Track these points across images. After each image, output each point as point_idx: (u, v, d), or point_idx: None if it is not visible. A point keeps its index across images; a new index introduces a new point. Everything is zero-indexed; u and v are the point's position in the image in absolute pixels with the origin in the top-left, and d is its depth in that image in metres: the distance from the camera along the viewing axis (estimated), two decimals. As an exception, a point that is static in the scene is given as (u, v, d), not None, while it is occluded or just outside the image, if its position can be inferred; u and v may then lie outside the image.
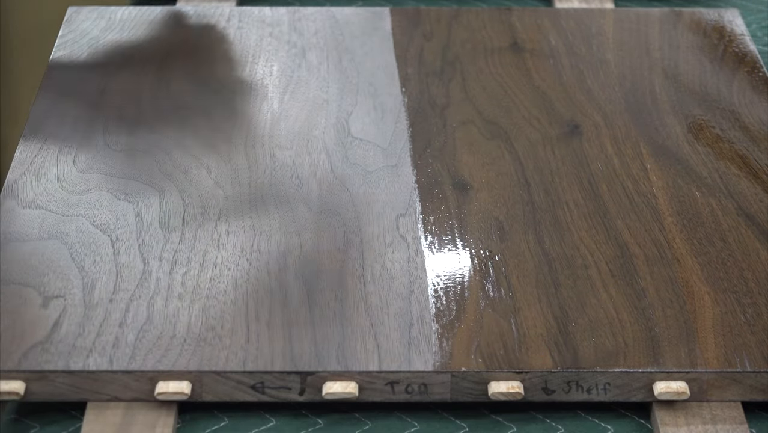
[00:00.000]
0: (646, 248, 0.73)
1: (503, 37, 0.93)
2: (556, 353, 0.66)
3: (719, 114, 0.85)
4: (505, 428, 0.66)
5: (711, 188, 0.78)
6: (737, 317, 0.68)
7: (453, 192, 0.77)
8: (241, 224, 0.74)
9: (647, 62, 0.91)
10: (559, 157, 0.80)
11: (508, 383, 0.65)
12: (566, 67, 0.90)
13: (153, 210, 0.75)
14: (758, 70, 0.90)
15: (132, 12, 0.95)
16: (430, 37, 0.93)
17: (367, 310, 0.68)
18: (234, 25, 0.94)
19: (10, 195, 0.75)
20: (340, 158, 0.80)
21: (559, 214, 0.76)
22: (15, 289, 0.69)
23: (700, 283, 0.70)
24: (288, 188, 0.77)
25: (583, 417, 0.67)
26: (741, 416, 0.65)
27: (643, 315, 0.68)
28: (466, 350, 0.66)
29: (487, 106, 0.85)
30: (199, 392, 0.65)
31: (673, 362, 0.65)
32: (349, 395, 0.64)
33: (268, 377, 0.65)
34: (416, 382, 0.65)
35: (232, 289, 0.69)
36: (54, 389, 0.65)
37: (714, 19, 0.96)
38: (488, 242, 0.73)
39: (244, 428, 0.66)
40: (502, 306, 0.69)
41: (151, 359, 0.65)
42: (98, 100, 0.84)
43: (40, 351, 0.65)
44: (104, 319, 0.67)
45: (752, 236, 0.74)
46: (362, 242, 0.73)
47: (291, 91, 0.87)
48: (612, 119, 0.84)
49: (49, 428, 0.65)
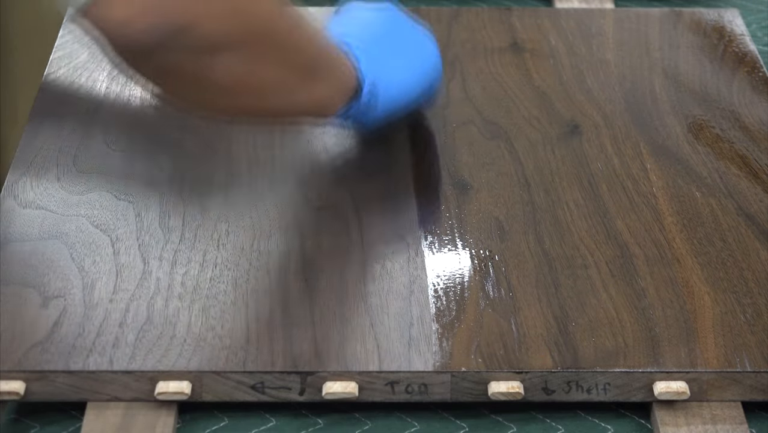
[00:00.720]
0: (646, 248, 0.73)
1: (503, 37, 0.93)
2: (556, 353, 0.65)
3: (719, 114, 0.85)
4: (505, 428, 0.66)
5: (711, 188, 0.78)
6: (737, 317, 0.68)
7: (453, 192, 0.77)
8: (241, 224, 0.74)
9: (647, 62, 0.91)
10: (559, 157, 0.80)
11: (508, 383, 0.65)
12: (566, 67, 0.90)
13: (153, 210, 0.75)
14: (758, 70, 0.89)
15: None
16: (430, 37, 0.93)
17: (367, 310, 0.68)
18: (234, 25, 0.93)
19: (10, 195, 0.75)
20: (340, 158, 0.80)
21: (559, 214, 0.75)
22: (15, 289, 0.69)
23: (700, 283, 0.70)
24: (288, 188, 0.77)
25: (583, 417, 0.67)
26: (741, 416, 0.65)
27: (643, 315, 0.68)
28: (466, 350, 0.66)
29: (487, 106, 0.85)
30: (199, 392, 0.65)
31: (673, 362, 0.65)
32: (349, 395, 0.64)
33: (268, 377, 0.64)
34: (416, 382, 0.65)
35: (232, 289, 0.69)
36: (54, 389, 0.65)
37: (714, 19, 0.96)
38: (488, 242, 0.73)
39: (244, 428, 0.66)
40: (502, 306, 0.68)
41: (151, 359, 0.65)
42: (98, 101, 0.84)
43: (40, 351, 0.65)
44: (104, 319, 0.67)
45: (752, 236, 0.74)
46: (362, 241, 0.73)
47: (291, 91, 0.86)
48: (612, 119, 0.84)
49: (49, 428, 0.65)
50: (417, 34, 0.79)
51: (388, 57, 0.75)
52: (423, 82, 0.78)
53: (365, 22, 0.78)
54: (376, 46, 0.75)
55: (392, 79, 0.75)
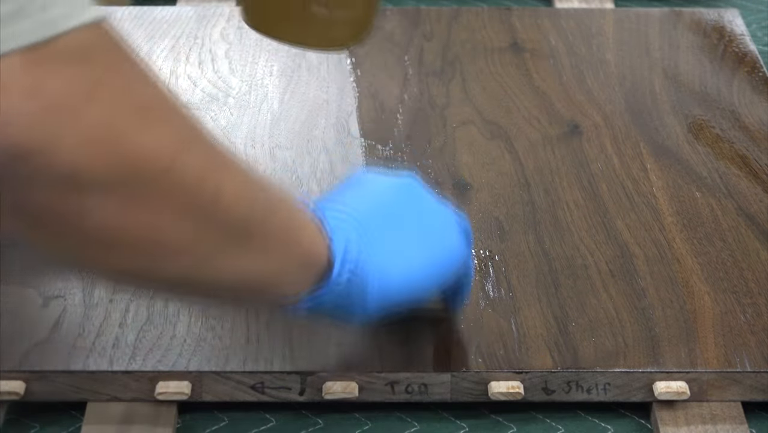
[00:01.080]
0: (646, 247, 0.73)
1: (503, 37, 0.93)
2: (556, 353, 0.65)
3: (719, 114, 0.85)
4: (505, 428, 0.66)
5: (711, 188, 0.78)
6: (737, 317, 0.68)
7: (453, 192, 0.77)
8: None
9: (647, 62, 0.91)
10: (559, 157, 0.80)
11: (508, 383, 0.65)
12: (566, 67, 0.90)
13: (153, 210, 0.75)
14: (758, 70, 0.89)
15: (132, 12, 0.95)
16: (430, 37, 0.93)
17: (367, 310, 0.68)
18: (234, 25, 0.94)
19: (10, 195, 0.75)
20: (340, 158, 0.80)
21: (559, 214, 0.75)
22: (15, 289, 0.69)
23: (700, 283, 0.70)
24: (288, 188, 0.77)
25: (583, 417, 0.67)
26: (741, 416, 0.65)
27: (643, 315, 0.68)
28: (466, 350, 0.66)
29: (487, 106, 0.85)
30: (199, 392, 0.65)
31: (673, 362, 0.65)
32: (349, 395, 0.64)
33: (268, 377, 0.64)
34: (416, 382, 0.65)
35: (232, 289, 0.69)
36: (54, 389, 0.65)
37: (714, 19, 0.96)
38: (488, 242, 0.73)
39: (244, 428, 0.66)
40: (502, 306, 0.68)
41: (151, 359, 0.65)
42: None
43: (40, 351, 0.65)
44: (104, 319, 0.67)
45: (752, 236, 0.74)
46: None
47: (291, 91, 0.86)
48: (612, 119, 0.84)
49: (49, 428, 0.65)
50: (441, 215, 0.62)
51: (392, 236, 0.58)
52: (441, 274, 0.61)
53: (369, 189, 0.61)
54: (373, 220, 0.58)
55: (394, 264, 0.58)
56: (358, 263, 0.56)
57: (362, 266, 0.56)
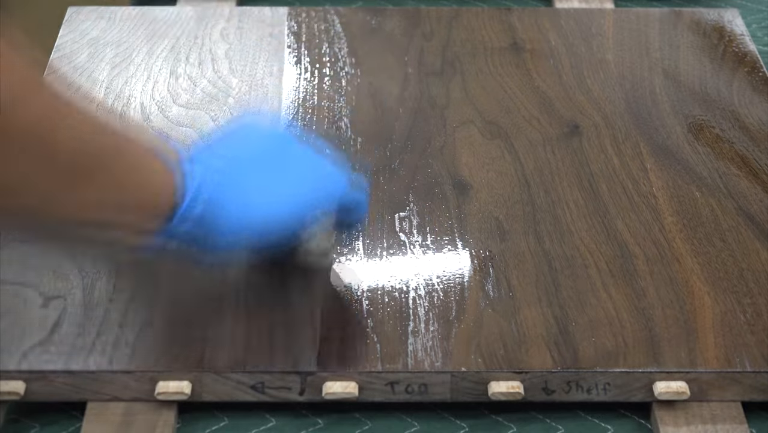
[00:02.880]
0: (646, 247, 0.73)
1: (503, 37, 0.93)
2: (556, 353, 0.65)
3: (719, 114, 0.85)
4: (505, 428, 0.66)
5: (711, 188, 0.78)
6: (737, 317, 0.68)
7: (453, 192, 0.77)
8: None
9: (647, 62, 0.91)
10: (559, 157, 0.80)
11: (508, 383, 0.65)
12: (566, 67, 0.90)
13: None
14: (758, 70, 0.89)
15: (132, 12, 0.95)
16: (430, 37, 0.93)
17: (367, 310, 0.68)
18: (234, 25, 0.94)
19: (10, 195, 0.75)
20: (341, 158, 0.80)
21: (559, 214, 0.75)
22: (15, 289, 0.69)
23: (700, 283, 0.70)
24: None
25: (583, 417, 0.67)
26: (741, 416, 0.65)
27: (643, 315, 0.68)
28: (466, 350, 0.66)
29: (487, 106, 0.85)
30: (199, 392, 0.65)
31: (673, 362, 0.65)
32: (349, 395, 0.64)
33: (268, 377, 0.65)
34: (416, 382, 0.65)
35: (232, 288, 0.69)
36: (54, 389, 0.65)
37: (714, 19, 0.96)
38: (488, 242, 0.73)
39: (244, 428, 0.66)
40: (502, 306, 0.69)
41: (151, 359, 0.65)
42: (98, 101, 0.84)
43: (40, 351, 0.65)
44: (104, 319, 0.67)
45: (752, 236, 0.74)
46: (362, 241, 0.73)
47: (291, 91, 0.86)
48: (612, 119, 0.84)
49: (49, 428, 0.65)
50: (308, 158, 0.66)
51: (254, 176, 0.62)
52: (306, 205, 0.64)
53: (242, 135, 0.65)
54: (235, 160, 0.62)
55: (253, 199, 0.61)
56: (211, 199, 0.59)
57: (217, 200, 0.59)
